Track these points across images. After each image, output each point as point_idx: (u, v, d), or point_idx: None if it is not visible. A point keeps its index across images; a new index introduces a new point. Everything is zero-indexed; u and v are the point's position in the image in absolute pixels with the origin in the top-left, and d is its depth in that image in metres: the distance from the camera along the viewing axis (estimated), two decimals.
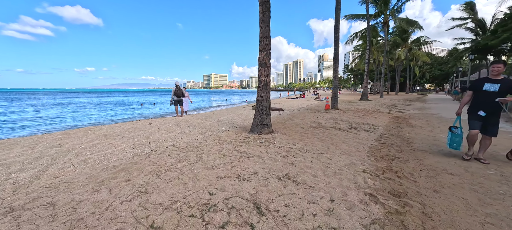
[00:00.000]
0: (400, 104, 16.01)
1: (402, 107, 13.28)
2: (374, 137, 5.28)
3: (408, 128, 6.71)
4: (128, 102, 30.52)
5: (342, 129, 5.97)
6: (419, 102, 18.18)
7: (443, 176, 2.94)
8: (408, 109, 12.40)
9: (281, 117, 8.54)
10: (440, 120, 8.38)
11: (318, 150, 4.00)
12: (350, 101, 18.89)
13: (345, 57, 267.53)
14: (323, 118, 8.13)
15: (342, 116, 8.54)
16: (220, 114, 10.59)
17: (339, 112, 9.72)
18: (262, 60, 5.09)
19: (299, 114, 9.49)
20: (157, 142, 5.00)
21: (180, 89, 9.77)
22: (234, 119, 8.68)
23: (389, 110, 11.39)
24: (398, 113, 10.27)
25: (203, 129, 6.52)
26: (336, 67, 10.06)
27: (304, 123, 6.93)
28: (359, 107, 12.07)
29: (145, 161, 3.43)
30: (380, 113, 9.96)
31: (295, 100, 22.28)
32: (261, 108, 5.16)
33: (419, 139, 5.28)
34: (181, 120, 8.49)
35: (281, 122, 7.16)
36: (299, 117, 8.43)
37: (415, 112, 10.72)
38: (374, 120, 8.01)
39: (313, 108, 11.81)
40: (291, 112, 10.60)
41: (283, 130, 5.76)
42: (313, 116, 8.67)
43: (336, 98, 10.40)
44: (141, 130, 6.48)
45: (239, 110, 12.33)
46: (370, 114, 9.46)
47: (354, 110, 10.63)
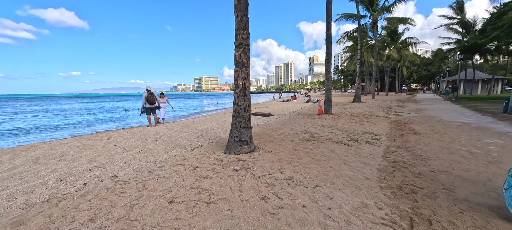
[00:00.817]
0: (394, 106, 15.36)
1: (397, 110, 12.55)
2: (380, 152, 4.26)
3: (414, 136, 5.78)
4: (112, 108, 28.62)
5: (340, 141, 4.92)
6: (412, 103, 17.68)
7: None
8: (405, 112, 11.66)
9: (269, 125, 7.44)
10: (443, 124, 7.56)
11: (313, 179, 2.90)
12: (342, 103, 18.12)
13: (335, 58, 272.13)
14: (317, 125, 7.09)
15: (337, 123, 7.55)
16: (201, 122, 9.36)
17: (333, 118, 8.75)
18: (239, 58, 3.97)
19: (290, 121, 8.43)
20: (102, 168, 3.75)
21: (153, 95, 8.49)
22: (215, 128, 7.49)
23: (386, 113, 10.57)
24: (396, 117, 9.44)
25: (171, 144, 5.30)
26: (328, 68, 9.13)
27: (295, 133, 5.85)
28: (354, 111, 11.18)
29: (45, 214, 2.20)
30: (378, 118, 9.08)
31: (286, 103, 21.33)
32: (238, 120, 4.02)
33: (432, 152, 4.32)
34: (151, 131, 7.21)
35: (267, 133, 6.04)
36: (289, 125, 7.36)
37: (413, 116, 9.94)
38: (373, 126, 7.06)
39: (305, 113, 10.81)
40: (281, 118, 9.53)
41: (268, 145, 4.65)
42: (305, 123, 7.62)
43: (330, 102, 9.44)
44: (92, 147, 5.17)
45: (224, 117, 11.14)
46: (367, 119, 8.54)
47: (349, 115, 9.71)
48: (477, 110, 11.56)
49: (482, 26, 20.76)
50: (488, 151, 4.42)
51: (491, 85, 34.31)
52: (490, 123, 7.68)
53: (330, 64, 9.10)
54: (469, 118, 8.94)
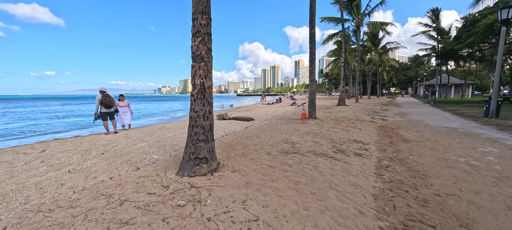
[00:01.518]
0: (378, 109, 15.20)
1: (382, 114, 12.27)
2: (372, 167, 3.53)
3: (405, 145, 5.20)
4: (83, 111, 26.27)
5: (325, 154, 4.14)
6: (394, 107, 17.76)
7: None
8: (389, 116, 11.37)
9: (246, 132, 6.55)
10: (431, 130, 7.15)
11: (288, 218, 2.04)
12: (327, 107, 17.76)
13: (320, 62, 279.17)
14: (299, 132, 6.32)
15: (322, 129, 6.84)
16: (171, 128, 8.25)
17: (318, 123, 8.07)
18: (196, 51, 3.04)
19: (270, 127, 7.60)
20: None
21: (110, 98, 7.26)
22: (180, 137, 6.45)
23: (371, 118, 10.14)
24: (382, 122, 9.00)
25: (120, 159, 4.21)
26: (313, 69, 8.47)
27: (274, 143, 5.00)
28: (339, 115, 10.65)
29: None
30: (364, 122, 8.55)
31: (270, 107, 20.63)
32: (195, 131, 3.08)
33: (430, 166, 3.68)
34: (103, 140, 6.00)
35: (242, 142, 5.14)
36: (269, 132, 6.52)
37: (398, 120, 9.59)
38: (361, 133, 6.43)
39: (288, 118, 10.07)
40: (262, 123, 8.69)
41: (238, 160, 3.74)
42: (286, 130, 6.83)
43: (314, 106, 8.77)
44: (9, 165, 3.94)
45: None
46: (353, 124, 7.96)
47: (334, 119, 9.10)
48: (457, 114, 11.57)
49: (457, 33, 21.64)
50: (489, 163, 3.88)
51: (463, 90, 36.35)
52: (476, 128, 7.41)
53: (314, 65, 8.46)
54: (453, 122, 8.71)
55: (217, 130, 7.48)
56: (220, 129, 7.67)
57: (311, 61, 8.40)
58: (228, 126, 8.42)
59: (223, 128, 7.93)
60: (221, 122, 9.59)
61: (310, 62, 8.43)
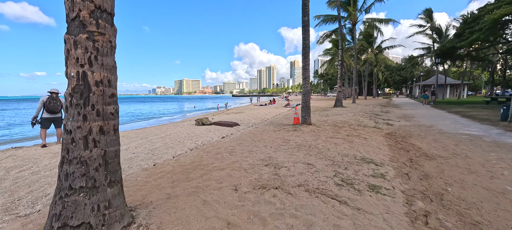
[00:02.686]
0: (378, 111, 13.91)
1: (384, 116, 10.95)
2: (403, 222, 2.08)
3: (430, 164, 3.79)
4: None
5: (325, 191, 2.64)
6: (395, 108, 16.52)
7: None
8: (393, 119, 10.04)
9: (220, 145, 5.03)
10: (449, 138, 5.79)
11: None
12: (323, 108, 16.39)
13: (315, 63, 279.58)
14: (288, 146, 4.84)
15: (318, 140, 5.38)
16: (130, 138, 6.68)
17: (312, 130, 6.61)
18: (71, 10, 1.51)
19: (254, 136, 6.11)
20: None
21: (57, 102, 5.67)
22: (138, 152, 4.90)
23: (375, 122, 8.76)
24: (388, 127, 7.63)
25: (15, 192, 2.65)
26: (306, 64, 7.03)
27: (249, 165, 3.50)
28: (337, 119, 9.23)
29: None
30: (367, 129, 7.15)
31: (262, 108, 19.17)
32: (68, 171, 1.54)
33: (487, 209, 2.24)
34: (21, 159, 4.38)
35: (204, 165, 3.61)
36: (249, 144, 5.03)
37: (405, 125, 8.25)
38: (367, 144, 5.00)
39: (278, 123, 8.60)
40: (245, 130, 7.19)
41: (179, 209, 2.23)
42: (273, 140, 5.35)
43: (308, 109, 7.31)
44: None
45: (174, 129, 8.52)
46: (355, 131, 6.54)
47: (332, 125, 7.67)
48: (467, 117, 10.34)
49: (458, 31, 20.65)
50: None
51: (460, 90, 35.73)
52: (502, 136, 6.10)
53: (308, 60, 7.02)
54: (470, 128, 7.41)
55: (185, 140, 5.94)
56: (190, 139, 6.14)
57: (305, 55, 6.96)
58: (205, 134, 6.90)
59: (196, 137, 6.41)
60: (198, 128, 8.05)
61: (303, 57, 6.98)
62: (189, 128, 8.31)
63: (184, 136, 6.55)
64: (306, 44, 6.81)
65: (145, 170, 3.43)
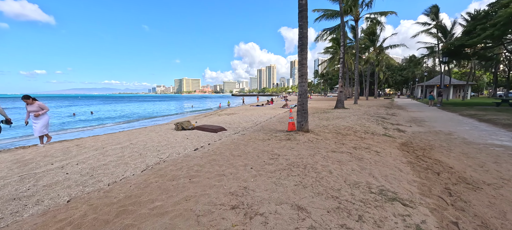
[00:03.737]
0: (383, 113, 12.68)
1: (391, 120, 9.72)
2: None
3: (477, 198, 2.57)
4: (53, 112, 23.40)
5: None
6: (400, 110, 15.28)
7: None
8: (402, 123, 8.82)
9: (183, 165, 3.79)
10: (487, 154, 4.55)
11: None
12: (323, 110, 15.16)
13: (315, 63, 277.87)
14: (277, 164, 3.60)
15: (316, 155, 4.14)
16: (92, 145, 5.44)
17: (310, 140, 5.37)
18: None
19: (235, 148, 4.88)
20: None
21: None
22: (82, 170, 3.66)
23: (383, 128, 7.53)
24: (400, 135, 6.40)
25: None
26: (303, 59, 5.78)
27: (206, 209, 2.27)
28: (340, 124, 7.99)
29: None
30: (377, 137, 5.91)
31: (258, 109, 17.93)
32: None
33: None
34: None
35: (136, 205, 2.38)
36: (223, 163, 3.79)
37: (420, 131, 7.03)
38: (382, 162, 3.77)
39: (271, 128, 7.36)
40: (229, 138, 5.95)
41: None
42: (258, 157, 4.11)
43: (305, 114, 6.05)
44: None
45: (149, 134, 7.29)
46: (363, 141, 5.30)
47: (334, 132, 6.43)
48: (486, 121, 9.11)
49: (467, 28, 19.41)
50: None
51: (464, 91, 34.51)
52: None
53: (306, 54, 5.78)
54: (498, 136, 6.18)
55: (149, 152, 4.71)
56: (156, 150, 4.91)
57: (301, 47, 5.70)
58: (179, 142, 5.67)
59: (165, 147, 5.17)
60: (175, 134, 6.82)
61: (299, 49, 5.73)
62: (166, 133, 7.08)
63: (151, 146, 5.31)
64: (303, 34, 5.55)
65: (44, 215, 2.19)
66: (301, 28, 5.58)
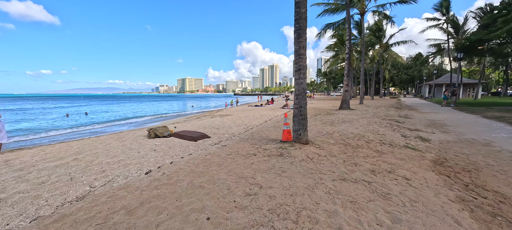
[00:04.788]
0: (394, 115, 11.22)
1: (406, 124, 8.28)
2: None
3: None
4: (49, 112, 22.69)
5: None
6: (412, 111, 13.75)
7: None
8: (421, 128, 7.37)
9: (111, 204, 2.49)
10: None
11: None
12: (326, 110, 13.73)
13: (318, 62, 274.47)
14: (254, 205, 2.26)
15: (317, 190, 2.77)
16: (21, 164, 4.17)
17: (309, 157, 3.99)
18: None
19: (205, 168, 3.54)
20: None
21: None
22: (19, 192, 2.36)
23: (401, 135, 6.11)
24: (426, 146, 4.99)
25: None
26: (300, 48, 4.40)
27: None
28: (347, 131, 6.58)
29: None
30: (397, 150, 4.51)
31: (255, 110, 16.59)
32: None
33: None
34: None
35: None
36: (171, 201, 2.47)
37: (448, 141, 5.60)
38: (419, 199, 2.39)
39: (262, 137, 6.01)
40: (203, 152, 4.61)
41: None
42: (228, 189, 2.78)
43: (304, 120, 4.65)
44: None
45: (113, 143, 6.00)
46: (380, 157, 3.92)
47: (341, 142, 5.04)
48: None
49: (484, 21, 17.74)
50: None
51: (477, 90, 32.62)
52: None
53: (304, 41, 4.41)
54: None
55: (85, 175, 3.40)
56: (98, 171, 3.59)
57: (299, 31, 4.32)
58: (143, 155, 4.36)
59: (115, 164, 3.86)
60: (142, 144, 5.51)
61: (296, 35, 4.35)
62: (132, 142, 5.78)
63: (98, 163, 4.01)
64: (301, 15, 4.17)
65: None
66: (297, 7, 4.20)
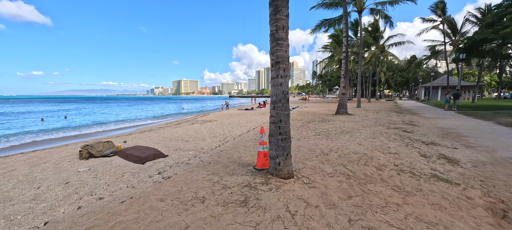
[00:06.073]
0: (398, 121, 9.81)
1: (416, 134, 6.82)
2: None
3: None
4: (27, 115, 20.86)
5: None
6: (414, 115, 12.39)
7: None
8: (436, 140, 5.90)
9: None
10: None
11: None
12: (322, 116, 12.24)
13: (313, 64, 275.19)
14: None
15: None
16: None
17: (291, 212, 2.45)
18: None
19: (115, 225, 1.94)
20: None
21: None
22: None
23: (422, 156, 4.62)
24: (461, 173, 3.50)
25: None
26: (278, 29, 2.85)
27: None
28: (349, 149, 5.05)
29: None
30: (423, 182, 3.00)
31: (243, 115, 15.02)
32: None
33: None
34: None
35: None
36: None
37: (482, 160, 4.12)
38: None
39: (231, 160, 4.45)
40: (140, 186, 3.02)
41: None
42: None
43: (285, 141, 3.03)
44: None
45: (25, 168, 4.33)
46: (405, 201, 2.40)
47: (342, 172, 3.51)
48: None
49: (489, 20, 16.66)
50: None
51: (475, 93, 31.85)
52: None
53: (284, 21, 2.89)
54: None
55: None
56: None
57: (276, 3, 2.80)
58: (46, 193, 2.72)
59: None
60: (65, 170, 3.86)
61: (273, 11, 2.77)
62: (51, 166, 4.13)
63: None
64: None
65: None
66: None
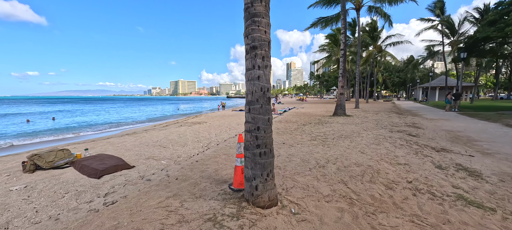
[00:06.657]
0: (400, 123, 9.14)
1: (422, 138, 6.12)
2: None
3: None
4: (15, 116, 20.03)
5: None
6: (416, 117, 11.75)
7: None
8: (447, 145, 5.20)
9: None
10: None
11: None
12: (319, 118, 11.53)
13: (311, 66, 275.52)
14: None
15: None
16: None
17: None
18: None
19: None
20: None
21: None
22: None
23: (436, 167, 3.90)
24: (489, 191, 2.77)
25: None
26: (255, 3, 2.18)
27: None
28: (350, 159, 4.31)
29: None
30: (448, 206, 2.27)
31: (235, 116, 14.25)
32: None
33: None
34: None
35: None
36: None
37: (504, 171, 3.41)
38: None
39: (207, 175, 3.69)
40: (83, 210, 2.24)
41: None
42: None
43: (266, 155, 2.15)
44: None
45: None
46: None
47: (342, 194, 2.78)
48: None
49: (491, 17, 16.17)
50: None
51: (474, 94, 31.51)
52: None
53: None
54: None
55: None
56: None
57: None
58: None
59: None
60: (5, 184, 3.05)
61: None
62: None
63: None
64: None
65: None
66: None
